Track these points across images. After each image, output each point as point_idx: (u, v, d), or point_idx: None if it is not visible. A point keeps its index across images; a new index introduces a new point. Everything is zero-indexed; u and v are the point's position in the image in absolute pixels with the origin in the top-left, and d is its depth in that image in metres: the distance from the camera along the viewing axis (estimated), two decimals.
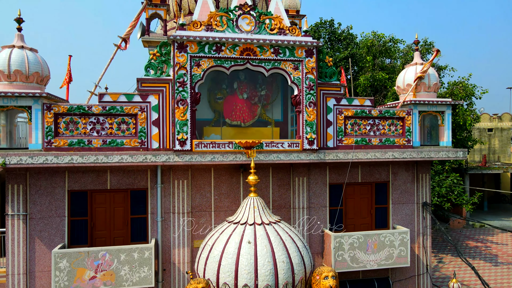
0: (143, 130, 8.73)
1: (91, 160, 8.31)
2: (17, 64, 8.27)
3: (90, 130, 8.57)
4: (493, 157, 37.03)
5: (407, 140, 10.05)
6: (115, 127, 8.68)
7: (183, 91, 8.68)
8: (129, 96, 8.75)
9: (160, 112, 8.81)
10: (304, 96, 9.23)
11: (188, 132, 8.70)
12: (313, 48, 9.26)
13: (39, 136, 8.35)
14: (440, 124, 10.53)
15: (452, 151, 10.16)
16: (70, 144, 8.41)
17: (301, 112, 9.24)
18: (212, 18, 8.94)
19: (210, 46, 8.80)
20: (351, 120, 9.84)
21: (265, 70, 9.11)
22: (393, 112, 10.03)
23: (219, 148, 8.87)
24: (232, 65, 8.95)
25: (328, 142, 9.66)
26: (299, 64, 9.23)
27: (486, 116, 36.71)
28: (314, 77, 9.28)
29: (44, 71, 8.71)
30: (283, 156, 9.21)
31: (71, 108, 8.45)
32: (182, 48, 8.67)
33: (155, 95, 8.81)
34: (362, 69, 23.90)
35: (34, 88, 8.49)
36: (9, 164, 7.92)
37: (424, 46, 24.63)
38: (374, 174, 10.53)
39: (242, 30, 9.04)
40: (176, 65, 8.65)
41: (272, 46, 9.05)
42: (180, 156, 8.74)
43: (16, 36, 8.69)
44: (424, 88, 10.39)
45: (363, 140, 9.84)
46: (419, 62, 10.64)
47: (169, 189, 9.34)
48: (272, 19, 9.21)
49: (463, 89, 21.89)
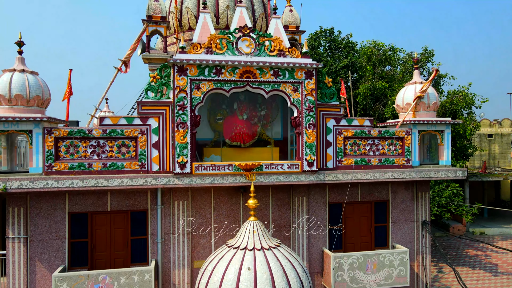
0: (143, 152, 8.77)
1: (91, 183, 8.35)
2: (18, 88, 8.31)
3: (91, 153, 8.60)
4: (493, 162, 37.04)
5: (406, 160, 10.08)
6: (116, 150, 8.72)
7: (183, 114, 8.71)
8: (129, 119, 8.78)
9: (160, 134, 8.85)
10: (304, 117, 9.26)
11: (188, 155, 8.74)
12: (313, 70, 9.29)
13: (39, 159, 8.39)
14: (439, 143, 10.56)
15: (451, 171, 10.19)
16: (71, 168, 8.44)
17: (301, 134, 9.27)
18: (212, 40, 8.98)
19: (210, 69, 8.83)
20: (351, 140, 9.87)
21: (265, 92, 9.14)
22: (393, 132, 10.06)
23: (219, 170, 8.90)
24: (232, 88, 8.99)
25: (328, 162, 9.69)
26: (299, 86, 9.27)
27: (486, 121, 36.72)
28: (314, 99, 9.32)
29: (44, 94, 8.75)
30: (283, 177, 9.24)
31: (71, 131, 8.48)
32: (182, 71, 8.71)
33: (155, 118, 8.84)
34: (362, 77, 23.93)
35: (34, 112, 8.53)
36: (10, 188, 7.96)
37: (424, 54, 24.66)
38: (374, 192, 10.56)
39: (242, 52, 9.07)
40: (176, 88, 8.68)
41: (271, 68, 9.09)
42: (180, 179, 8.77)
43: (17, 59, 8.74)
44: (424, 107, 10.42)
45: (362, 160, 9.87)
46: (419, 81, 10.67)
47: (169, 210, 9.38)
48: (272, 41, 9.24)
49: (463, 98, 21.91)
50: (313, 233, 10.15)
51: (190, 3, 13.00)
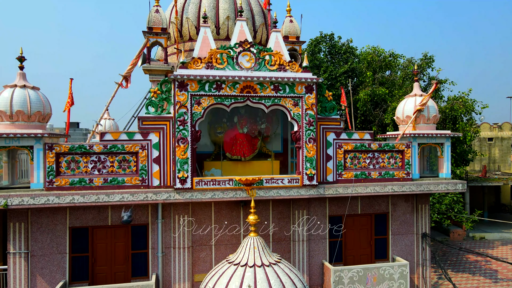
0: (144, 168, 8.79)
1: (92, 199, 8.37)
2: (19, 104, 8.33)
3: (91, 168, 8.63)
4: (493, 166, 37.04)
5: (406, 173, 10.10)
6: (116, 165, 8.74)
7: (183, 130, 8.74)
8: (130, 135, 8.81)
9: (161, 149, 8.87)
10: (304, 132, 9.28)
11: (188, 170, 8.76)
12: (313, 84, 9.32)
13: (40, 175, 8.41)
14: (439, 156, 10.58)
15: (451, 184, 10.21)
16: (72, 183, 8.47)
17: (301, 148, 9.30)
18: (213, 55, 9.00)
19: (211, 84, 8.86)
20: (351, 154, 9.89)
21: (265, 107, 9.17)
22: (393, 145, 10.08)
23: (219, 185, 8.92)
24: (233, 103, 9.01)
25: (328, 176, 9.71)
26: (299, 100, 9.29)
27: (486, 125, 36.74)
28: (314, 113, 9.34)
29: (46, 109, 8.77)
30: (283, 192, 9.26)
31: (72, 147, 8.51)
32: (183, 86, 8.74)
33: (156, 133, 8.87)
34: (362, 83, 23.95)
35: (36, 127, 8.56)
36: (11, 205, 7.99)
37: (424, 60, 24.69)
38: (374, 205, 10.58)
39: (242, 67, 9.09)
40: (177, 104, 8.71)
41: (272, 83, 9.11)
42: (180, 194, 8.79)
43: (18, 75, 8.76)
44: (424, 120, 10.44)
45: (362, 174, 9.89)
46: (419, 93, 10.69)
47: (170, 224, 9.40)
48: (272, 55, 9.27)
49: (463, 104, 21.92)
50: (314, 246, 10.17)
51: (191, 13, 13.02)
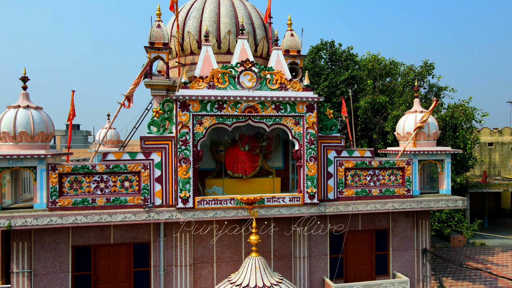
0: (146, 187, 8.85)
1: (95, 219, 8.44)
2: (23, 125, 8.39)
3: (94, 188, 8.69)
4: (494, 171, 37.07)
5: (407, 190, 10.15)
6: (119, 185, 8.80)
7: (185, 150, 8.80)
8: (132, 154, 8.87)
9: (163, 169, 8.93)
10: (305, 151, 9.34)
11: (190, 190, 8.82)
12: (314, 103, 9.38)
13: (43, 195, 8.47)
14: (439, 172, 10.63)
15: (451, 200, 10.26)
16: (74, 203, 8.53)
17: (302, 167, 9.35)
18: (214, 75, 9.07)
19: (212, 104, 8.92)
20: (352, 171, 9.95)
21: (267, 126, 9.23)
22: (393, 163, 10.13)
23: (221, 204, 8.98)
24: (234, 122, 9.07)
25: (329, 194, 9.77)
26: (300, 119, 9.35)
27: (486, 130, 36.77)
28: (315, 132, 9.40)
29: (49, 129, 8.84)
30: (284, 210, 9.32)
31: (75, 167, 8.57)
32: (185, 107, 8.80)
33: (158, 153, 8.93)
34: (363, 90, 23.99)
35: (39, 147, 8.62)
36: (14, 226, 8.05)
37: (425, 67, 24.73)
38: (374, 221, 10.64)
39: (243, 87, 9.16)
40: (179, 124, 8.77)
41: (273, 102, 9.17)
42: (182, 213, 8.85)
43: (21, 95, 8.83)
44: (424, 137, 10.50)
45: (363, 191, 9.94)
46: (419, 110, 10.74)
47: (172, 242, 9.47)
48: (273, 75, 9.33)
49: (463, 112, 21.96)
50: (314, 262, 10.23)
51: (192, 27, 13.08)
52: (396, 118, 21.59)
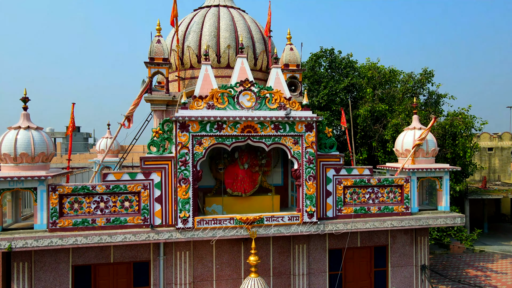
0: (146, 207, 8.90)
1: (95, 240, 8.48)
2: (23, 147, 8.44)
3: (94, 209, 8.74)
4: (493, 176, 37.11)
5: (405, 207, 10.20)
6: (119, 205, 8.85)
7: (185, 170, 8.85)
8: (132, 175, 8.92)
9: (162, 189, 8.98)
10: (304, 170, 9.39)
11: (190, 210, 8.87)
12: (313, 122, 9.42)
13: (44, 216, 8.52)
14: (438, 189, 10.68)
15: (450, 218, 10.31)
16: (75, 224, 8.57)
17: (301, 186, 9.40)
18: (214, 95, 9.11)
19: (212, 125, 8.97)
20: (350, 189, 10.00)
21: (266, 145, 9.28)
22: (392, 180, 10.18)
23: (220, 224, 9.03)
24: (233, 142, 9.12)
25: (328, 212, 9.82)
26: (299, 139, 9.40)
27: (486, 135, 36.81)
28: (314, 151, 9.44)
29: (49, 150, 8.89)
30: (284, 229, 9.37)
31: (75, 188, 8.62)
32: (184, 127, 8.85)
33: (158, 173, 8.98)
34: (362, 98, 24.04)
35: (39, 168, 8.67)
36: (15, 248, 8.10)
37: (424, 75, 24.79)
38: (373, 238, 10.68)
39: (243, 107, 9.20)
40: (179, 145, 8.82)
41: (272, 122, 9.22)
42: (182, 233, 8.90)
43: (22, 116, 8.88)
44: (423, 154, 10.54)
45: (362, 209, 9.99)
46: (418, 126, 10.78)
47: (171, 261, 9.51)
48: (273, 94, 9.37)
49: (463, 121, 22.01)
50: (314, 280, 10.28)
51: (192, 42, 13.14)
52: (395, 126, 21.64)
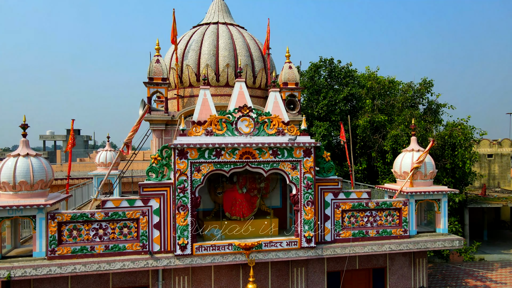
0: (144, 233, 8.93)
1: (93, 268, 8.51)
2: (22, 175, 8.47)
3: (93, 236, 8.77)
4: (493, 183, 37.13)
5: (403, 230, 10.22)
6: (117, 232, 8.88)
7: (184, 197, 8.88)
8: (131, 201, 8.94)
9: (161, 215, 9.01)
10: (302, 195, 9.42)
11: (188, 237, 8.90)
12: (311, 148, 9.45)
13: (43, 244, 8.55)
14: (436, 211, 10.70)
15: (448, 241, 10.33)
16: (73, 251, 8.60)
17: (299, 211, 9.43)
18: (212, 121, 9.14)
19: (210, 151, 9.00)
20: (349, 213, 10.02)
21: (264, 171, 9.30)
22: (390, 204, 10.20)
23: (219, 250, 9.06)
24: (232, 169, 9.15)
25: (326, 236, 9.84)
26: (297, 164, 9.42)
27: (486, 142, 36.83)
28: (312, 176, 9.47)
29: (48, 176, 8.91)
30: (282, 254, 9.40)
31: (74, 216, 8.65)
32: (183, 154, 8.88)
33: (156, 199, 9.01)
34: (362, 108, 24.05)
35: (38, 195, 8.70)
36: (14, 277, 8.13)
37: (424, 85, 24.81)
38: (372, 260, 10.70)
39: (241, 132, 9.23)
40: (177, 172, 8.85)
41: (271, 148, 9.25)
42: (181, 260, 8.93)
43: (21, 142, 8.91)
44: (421, 177, 10.56)
45: (360, 232, 10.01)
46: (416, 148, 10.80)
47: (170, 285, 9.54)
48: (271, 120, 9.40)
49: (462, 132, 22.01)
50: None
51: (191, 60, 13.17)
52: (395, 137, 21.67)
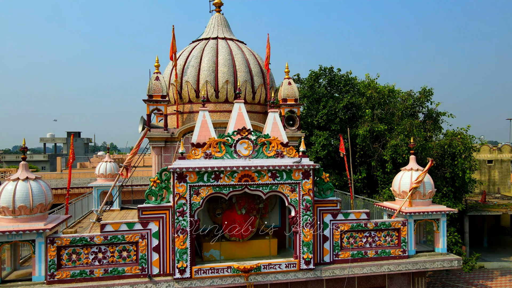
0: (143, 257, 8.95)
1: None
2: (22, 199, 8.49)
3: (92, 259, 8.79)
4: (493, 188, 37.12)
5: (402, 251, 10.24)
6: (117, 255, 8.91)
7: (183, 220, 8.90)
8: (130, 225, 8.97)
9: (160, 238, 9.03)
10: (301, 217, 9.44)
11: (188, 260, 8.92)
12: (310, 170, 9.47)
13: (42, 268, 8.57)
14: (435, 231, 10.72)
15: (447, 261, 10.35)
16: (73, 275, 8.63)
17: (298, 233, 9.45)
18: (211, 144, 9.16)
19: (209, 175, 9.02)
20: (347, 233, 10.04)
21: (263, 194, 9.33)
22: (389, 224, 10.22)
23: (218, 273, 9.09)
24: (231, 191, 9.17)
25: (325, 257, 9.86)
26: (296, 186, 9.44)
27: (486, 147, 36.83)
28: (311, 198, 9.49)
29: (47, 200, 8.94)
30: (281, 276, 9.42)
31: (73, 240, 8.68)
32: (182, 178, 8.90)
33: (156, 222, 9.03)
34: (362, 117, 24.06)
35: (37, 219, 8.71)
36: None
37: (423, 93, 24.83)
38: (371, 280, 10.70)
39: (240, 155, 9.25)
40: (176, 195, 8.87)
41: (269, 170, 9.27)
42: (180, 283, 8.95)
43: (21, 166, 8.94)
44: (420, 196, 10.58)
45: (359, 253, 10.03)
46: (415, 167, 10.82)
47: None
48: (270, 142, 9.42)
49: (461, 142, 22.02)
50: None
51: (190, 77, 13.20)
52: (394, 147, 21.67)
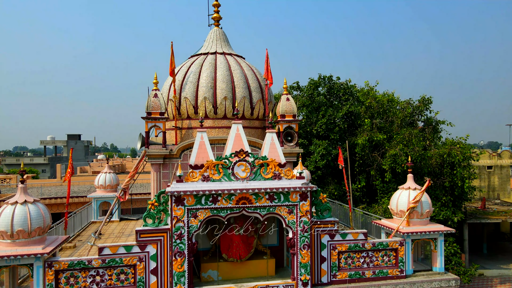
0: (141, 279, 8.98)
1: None
2: (20, 223, 8.52)
3: (90, 283, 8.82)
4: (493, 194, 37.12)
5: (400, 271, 10.26)
6: (114, 278, 8.93)
7: (180, 243, 8.93)
8: (128, 248, 9.00)
9: (158, 261, 9.06)
10: (299, 239, 9.46)
11: (185, 283, 8.95)
12: (308, 192, 9.50)
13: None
14: (433, 250, 10.73)
15: (444, 281, 10.36)
16: None
17: (296, 255, 9.47)
18: (209, 167, 9.19)
19: (207, 198, 9.05)
20: (345, 254, 10.06)
21: (261, 216, 9.36)
22: (386, 244, 10.24)
23: None
24: (228, 214, 9.20)
25: (322, 277, 9.89)
26: (294, 208, 9.47)
27: (485, 153, 36.83)
28: (308, 220, 9.52)
29: (46, 222, 8.97)
30: None
31: (71, 263, 8.71)
32: (180, 201, 8.93)
33: (153, 245, 9.06)
34: (361, 126, 24.08)
35: (36, 243, 8.75)
36: None
37: (422, 102, 24.86)
38: None
39: (238, 177, 9.28)
40: (174, 219, 8.90)
41: (267, 193, 9.30)
42: None
43: (19, 189, 8.97)
44: (417, 216, 10.60)
45: (356, 274, 10.05)
46: (412, 187, 10.84)
47: None
48: (268, 164, 9.45)
49: (461, 151, 22.04)
50: None
51: (189, 93, 13.23)
52: (393, 156, 21.69)
